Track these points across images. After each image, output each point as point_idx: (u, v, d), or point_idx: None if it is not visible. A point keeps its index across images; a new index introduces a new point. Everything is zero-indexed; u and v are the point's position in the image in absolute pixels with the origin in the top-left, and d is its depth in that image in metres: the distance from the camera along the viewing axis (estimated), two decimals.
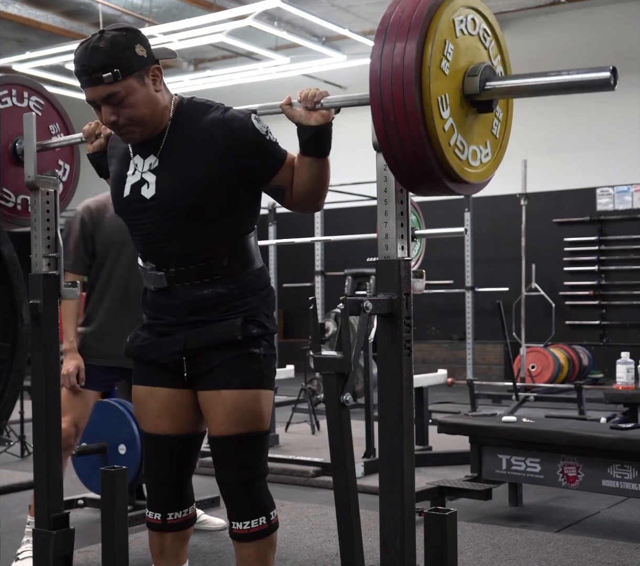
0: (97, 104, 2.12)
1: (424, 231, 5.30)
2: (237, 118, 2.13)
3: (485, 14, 1.80)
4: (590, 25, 9.98)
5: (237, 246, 2.23)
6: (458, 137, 1.71)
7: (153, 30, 8.83)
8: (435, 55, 1.63)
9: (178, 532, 2.34)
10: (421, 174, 1.70)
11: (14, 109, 2.53)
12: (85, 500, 4.01)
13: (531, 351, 8.49)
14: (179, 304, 2.22)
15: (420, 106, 1.62)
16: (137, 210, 2.22)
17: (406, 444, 1.84)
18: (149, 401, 2.30)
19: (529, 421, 3.81)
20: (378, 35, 1.72)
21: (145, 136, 2.18)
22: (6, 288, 2.45)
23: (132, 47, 2.08)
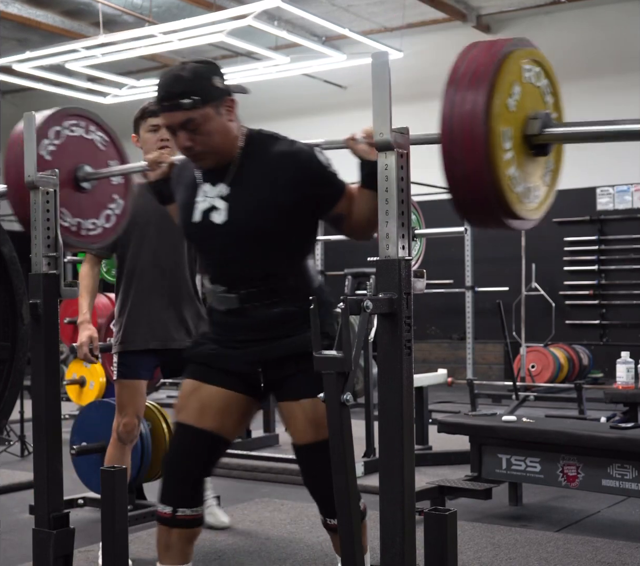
0: (173, 130, 2.26)
1: (424, 230, 5.30)
2: (303, 151, 2.28)
3: (549, 72, 1.95)
4: (590, 25, 9.98)
5: (301, 266, 2.39)
6: (515, 172, 1.82)
7: (153, 29, 8.84)
8: (504, 92, 1.76)
9: (185, 529, 2.35)
10: (480, 204, 1.82)
11: (80, 139, 2.67)
12: (85, 499, 4.01)
13: (531, 350, 8.49)
14: (252, 323, 2.34)
15: (486, 136, 1.73)
16: (208, 235, 2.34)
17: (406, 443, 1.84)
18: (195, 393, 2.36)
19: (529, 421, 3.81)
20: (450, 84, 1.80)
21: (216, 163, 2.32)
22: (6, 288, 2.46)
23: (211, 78, 2.25)
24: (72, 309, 5.64)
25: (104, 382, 5.77)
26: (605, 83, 9.56)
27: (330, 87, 11.22)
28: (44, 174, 2.51)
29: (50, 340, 2.50)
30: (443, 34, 10.95)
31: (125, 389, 3.31)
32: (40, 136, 2.52)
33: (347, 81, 11.19)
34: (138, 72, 12.05)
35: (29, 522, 2.78)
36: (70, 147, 2.63)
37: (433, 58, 10.96)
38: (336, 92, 11.34)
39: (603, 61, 9.67)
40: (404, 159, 1.90)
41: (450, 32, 10.84)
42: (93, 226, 2.71)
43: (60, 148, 2.60)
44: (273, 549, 3.32)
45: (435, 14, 10.31)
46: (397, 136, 1.88)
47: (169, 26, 8.64)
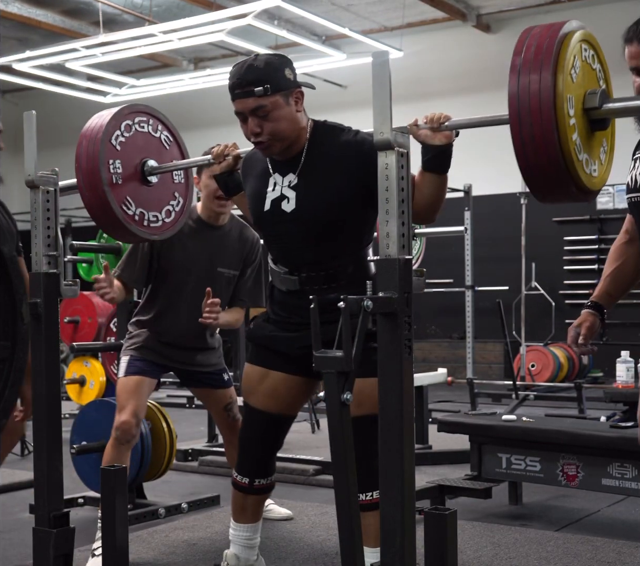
0: (244, 117, 2.39)
1: (424, 229, 5.30)
2: (366, 141, 2.37)
3: (602, 58, 2.08)
4: (590, 24, 9.91)
5: (360, 255, 2.52)
6: (578, 139, 1.88)
7: (153, 29, 8.83)
8: (568, 60, 1.86)
9: (260, 495, 2.71)
10: (553, 177, 1.87)
11: (147, 135, 2.84)
12: (85, 498, 4.01)
13: (531, 349, 8.48)
14: (308, 306, 2.39)
15: (554, 99, 1.80)
16: (277, 222, 2.49)
17: (406, 443, 1.84)
18: (263, 381, 2.60)
19: (528, 420, 3.81)
20: (513, 68, 1.87)
21: (283, 152, 2.45)
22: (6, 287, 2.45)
23: (282, 69, 2.40)
24: (72, 308, 5.65)
25: (104, 381, 5.77)
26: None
27: (330, 87, 11.22)
28: (44, 173, 2.53)
29: (51, 339, 2.50)
30: (443, 34, 10.95)
31: (126, 386, 3.28)
32: (114, 127, 2.70)
33: (347, 80, 11.19)
34: (138, 71, 12.05)
35: (29, 521, 2.78)
36: (138, 142, 2.79)
37: (433, 57, 10.98)
38: (336, 91, 11.33)
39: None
40: (405, 158, 1.91)
41: (450, 31, 10.84)
42: (155, 219, 2.84)
43: (129, 141, 2.75)
44: (273, 548, 3.32)
45: (435, 13, 10.31)
46: (398, 135, 1.88)
47: (169, 25, 8.63)
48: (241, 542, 2.72)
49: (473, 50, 10.69)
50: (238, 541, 2.72)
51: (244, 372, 2.70)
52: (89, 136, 2.68)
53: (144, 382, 3.32)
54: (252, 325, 2.69)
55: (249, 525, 2.71)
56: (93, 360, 5.85)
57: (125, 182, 2.72)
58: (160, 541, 3.45)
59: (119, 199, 2.69)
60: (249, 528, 2.71)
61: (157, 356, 3.39)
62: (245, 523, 2.71)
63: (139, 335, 3.41)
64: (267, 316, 2.65)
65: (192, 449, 5.22)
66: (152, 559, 3.24)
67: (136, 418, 3.24)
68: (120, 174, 2.70)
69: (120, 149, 2.72)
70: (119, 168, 2.70)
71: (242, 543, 2.72)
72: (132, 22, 9.93)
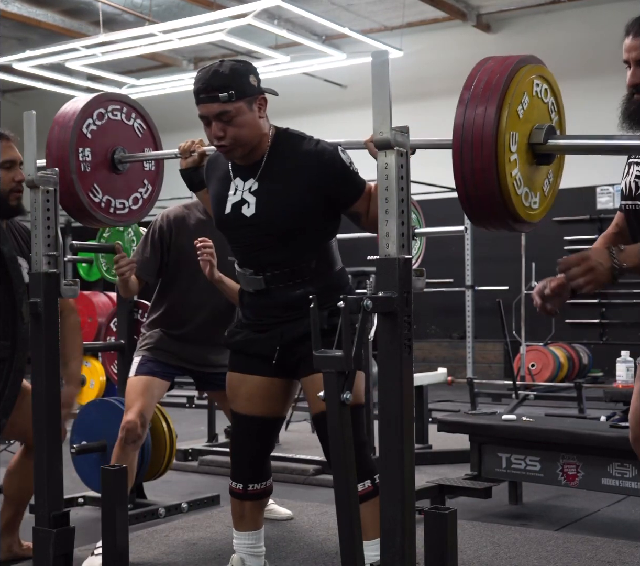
0: (208, 121, 2.44)
1: (424, 229, 5.29)
2: (326, 150, 2.45)
3: (555, 90, 2.08)
4: (590, 24, 9.97)
5: (323, 250, 2.57)
6: (519, 174, 1.92)
7: (153, 28, 8.83)
8: (516, 98, 1.89)
9: (256, 501, 2.69)
10: (486, 201, 1.90)
11: (120, 123, 2.88)
12: (85, 498, 4.01)
13: (531, 349, 8.48)
14: (276, 304, 2.55)
15: (495, 136, 1.85)
16: (237, 226, 2.54)
17: (406, 442, 1.84)
18: (241, 386, 2.64)
19: (528, 420, 3.81)
20: (461, 101, 1.92)
21: (244, 156, 2.49)
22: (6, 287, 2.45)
23: (247, 76, 2.44)
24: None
25: (104, 381, 5.77)
26: (604, 82, 9.55)
27: (330, 86, 11.22)
28: (44, 173, 2.53)
29: (50, 339, 2.50)
30: (443, 33, 10.95)
31: (135, 386, 3.27)
32: (86, 115, 2.74)
33: (347, 80, 11.18)
34: (138, 71, 12.05)
35: (29, 521, 2.78)
36: (110, 130, 2.83)
37: (433, 57, 10.97)
38: (336, 91, 11.33)
39: (602, 60, 9.66)
40: (404, 158, 1.91)
41: (450, 31, 10.84)
42: (121, 206, 2.88)
43: (100, 129, 2.79)
44: (273, 548, 3.32)
45: (435, 13, 10.31)
46: (397, 134, 1.88)
47: (169, 25, 8.63)
48: (245, 551, 2.71)
49: (473, 50, 10.67)
50: (242, 550, 2.71)
51: (226, 379, 2.72)
52: (61, 123, 2.73)
53: (154, 383, 3.30)
54: (227, 332, 2.73)
55: (250, 532, 2.70)
56: (93, 360, 5.85)
57: (94, 170, 2.77)
58: (160, 541, 3.45)
59: (86, 187, 2.75)
60: (250, 536, 2.70)
61: (170, 357, 3.38)
62: (246, 531, 2.70)
63: (151, 336, 3.42)
64: (240, 322, 2.69)
65: (192, 449, 5.21)
66: (152, 559, 3.24)
67: (142, 418, 3.20)
68: (90, 162, 2.76)
69: (91, 137, 2.77)
70: (89, 156, 2.76)
71: (246, 551, 2.71)
72: (132, 22, 9.93)
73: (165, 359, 3.37)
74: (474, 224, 2.01)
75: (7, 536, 3.16)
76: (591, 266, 1.98)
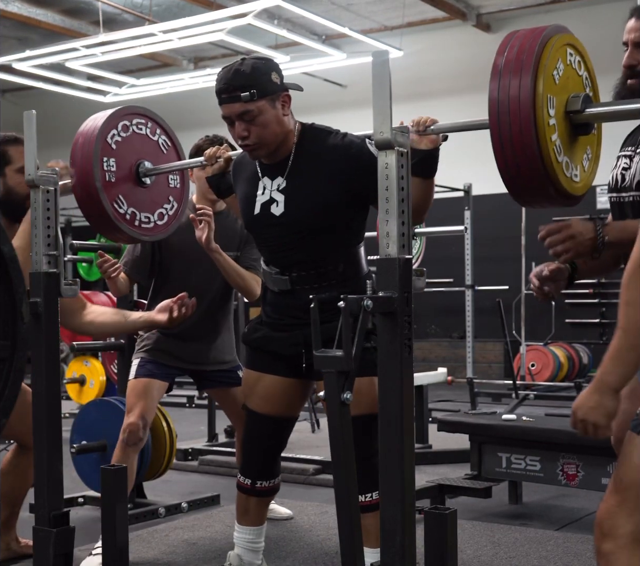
0: (231, 121, 2.41)
1: (424, 229, 5.30)
2: (354, 143, 2.43)
3: (589, 65, 2.05)
4: (590, 24, 9.96)
5: (351, 254, 2.54)
6: (558, 139, 1.87)
7: (153, 28, 8.83)
8: (550, 61, 1.84)
9: (262, 498, 2.71)
10: (530, 178, 1.85)
11: (145, 137, 2.87)
12: (85, 498, 4.01)
13: (531, 349, 8.48)
14: (300, 305, 2.49)
15: (533, 100, 1.79)
16: (266, 225, 2.52)
17: (406, 442, 1.84)
18: (257, 384, 2.64)
19: (528, 420, 3.81)
20: (494, 67, 1.88)
21: (270, 155, 2.47)
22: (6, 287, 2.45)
23: (269, 73, 2.39)
24: None
25: (104, 381, 5.78)
26: (605, 82, 9.53)
27: (330, 86, 11.22)
28: (44, 172, 2.52)
29: (51, 339, 2.50)
30: (443, 33, 10.95)
31: (135, 389, 3.28)
32: (110, 126, 2.73)
33: (347, 80, 11.18)
34: (138, 70, 12.05)
35: (29, 520, 2.78)
36: (135, 143, 2.81)
37: (433, 57, 10.97)
38: (336, 91, 11.33)
39: (603, 60, 9.64)
40: (404, 157, 1.90)
41: (450, 31, 10.84)
42: (146, 220, 2.85)
43: (125, 141, 2.78)
44: (272, 548, 3.32)
45: (435, 12, 10.31)
46: (398, 134, 1.88)
47: (168, 25, 8.63)
48: (244, 545, 2.73)
49: (473, 49, 10.68)
50: (241, 543, 2.73)
51: (242, 376, 2.74)
52: (85, 134, 2.71)
53: (154, 385, 3.31)
54: (246, 328, 2.72)
55: (252, 527, 2.73)
56: (93, 360, 5.85)
57: (119, 182, 2.74)
58: (160, 540, 3.45)
59: (111, 197, 2.72)
60: (251, 531, 2.73)
61: (169, 358, 3.38)
62: (248, 526, 2.72)
63: (149, 337, 3.41)
64: (260, 319, 2.69)
65: (192, 448, 5.22)
66: (152, 558, 3.24)
67: (143, 421, 3.22)
68: (114, 173, 2.73)
69: (116, 148, 2.75)
70: (113, 167, 2.73)
71: (245, 545, 2.73)
72: (132, 22, 9.93)
73: (164, 360, 3.37)
74: (514, 197, 1.94)
75: (5, 534, 3.17)
76: (571, 234, 1.99)
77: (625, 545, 1.62)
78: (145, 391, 3.27)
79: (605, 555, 1.63)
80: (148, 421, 3.25)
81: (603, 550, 1.64)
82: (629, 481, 1.63)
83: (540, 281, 2.25)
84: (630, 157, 2.20)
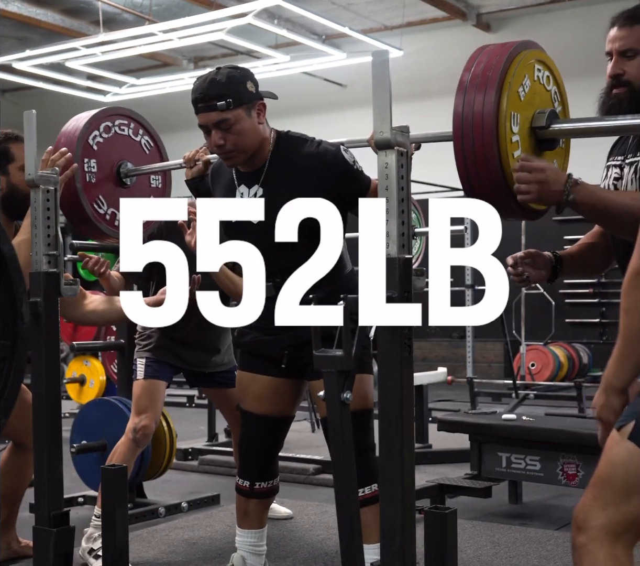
0: (207, 129, 2.45)
1: (424, 229, 5.30)
2: (329, 151, 2.45)
3: (558, 79, 2.06)
4: (590, 23, 9.96)
5: None
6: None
7: (153, 28, 8.83)
8: (516, 78, 1.87)
9: (262, 499, 2.72)
10: (492, 191, 1.89)
11: (127, 138, 2.90)
12: (85, 497, 4.01)
13: (531, 349, 8.48)
14: None
15: (496, 116, 1.83)
16: (245, 233, 2.48)
17: (406, 442, 1.84)
18: (251, 385, 2.67)
19: (528, 419, 3.81)
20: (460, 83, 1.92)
21: (246, 162, 2.50)
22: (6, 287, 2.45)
23: (245, 82, 2.44)
24: None
25: (104, 380, 5.78)
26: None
27: (330, 86, 11.21)
28: (44, 172, 2.52)
29: (51, 338, 2.50)
30: (443, 33, 10.94)
31: (146, 390, 3.30)
32: (92, 128, 2.76)
33: (347, 80, 11.18)
34: (138, 70, 12.05)
35: (29, 520, 2.78)
36: (116, 144, 2.84)
37: (433, 56, 10.96)
38: (336, 90, 11.33)
39: (603, 60, 9.64)
40: (404, 157, 1.90)
41: (450, 30, 10.83)
42: None
43: (107, 142, 2.81)
44: (273, 547, 3.32)
45: (435, 12, 10.31)
46: (397, 134, 1.88)
47: (168, 25, 8.63)
48: (247, 548, 2.73)
49: (473, 49, 10.60)
50: (244, 547, 2.73)
51: (236, 378, 2.76)
52: (67, 134, 2.75)
53: (161, 386, 3.35)
54: (236, 332, 2.75)
55: (253, 530, 2.73)
56: (93, 359, 5.85)
57: (100, 182, 2.78)
58: (160, 540, 3.45)
59: (91, 198, 2.75)
60: (253, 534, 2.73)
61: (172, 357, 3.40)
62: (249, 529, 2.72)
63: (151, 336, 3.42)
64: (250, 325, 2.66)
65: (192, 448, 5.22)
66: (152, 558, 3.24)
67: (156, 424, 3.30)
68: (95, 174, 2.77)
69: (97, 149, 2.78)
70: (94, 168, 2.77)
71: (247, 549, 2.73)
72: (132, 21, 9.92)
73: (168, 359, 3.39)
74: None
75: (5, 534, 3.18)
76: (540, 179, 1.93)
77: (597, 537, 1.62)
78: (156, 393, 3.32)
79: (578, 548, 1.64)
80: (157, 423, 3.35)
81: (577, 543, 1.65)
82: (603, 475, 1.65)
83: (515, 260, 2.21)
84: (621, 166, 2.16)
